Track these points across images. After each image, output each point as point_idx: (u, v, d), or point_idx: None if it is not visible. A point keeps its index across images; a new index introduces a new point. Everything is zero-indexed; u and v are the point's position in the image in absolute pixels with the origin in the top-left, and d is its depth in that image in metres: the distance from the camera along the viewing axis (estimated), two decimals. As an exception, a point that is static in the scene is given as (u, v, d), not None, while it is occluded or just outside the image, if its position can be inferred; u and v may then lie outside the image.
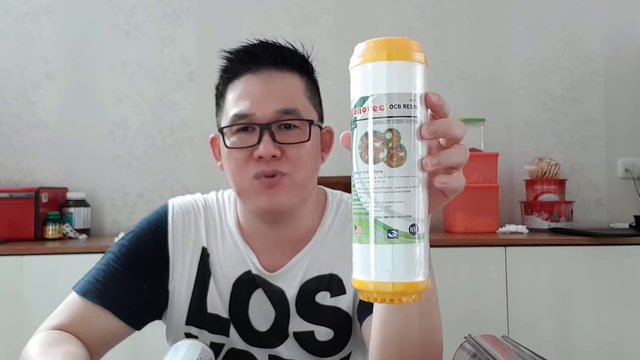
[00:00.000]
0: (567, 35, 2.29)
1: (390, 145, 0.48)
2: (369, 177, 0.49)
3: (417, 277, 0.49)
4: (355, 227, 0.50)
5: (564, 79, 2.29)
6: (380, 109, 0.48)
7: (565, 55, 2.29)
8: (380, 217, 0.48)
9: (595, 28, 2.29)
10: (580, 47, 2.29)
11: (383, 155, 0.48)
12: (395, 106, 0.48)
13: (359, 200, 0.50)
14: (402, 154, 0.48)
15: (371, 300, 0.50)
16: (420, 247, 0.49)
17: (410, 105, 0.49)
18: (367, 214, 0.49)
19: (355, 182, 0.50)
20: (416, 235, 0.49)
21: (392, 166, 0.48)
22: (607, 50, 2.29)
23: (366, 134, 0.49)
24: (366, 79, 0.50)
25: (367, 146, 0.49)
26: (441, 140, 0.53)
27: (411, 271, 0.49)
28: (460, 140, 0.53)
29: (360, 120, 0.49)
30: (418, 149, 0.49)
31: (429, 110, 0.51)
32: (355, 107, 0.50)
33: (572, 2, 2.30)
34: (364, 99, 0.49)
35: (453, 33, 2.30)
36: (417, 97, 0.49)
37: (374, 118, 0.49)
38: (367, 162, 0.49)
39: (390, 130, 0.48)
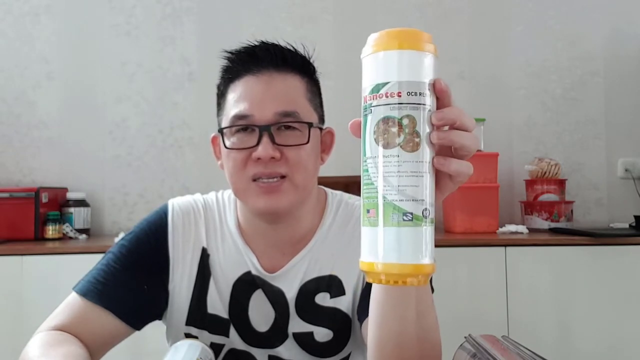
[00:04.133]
0: (567, 35, 2.29)
1: (407, 130, 0.50)
2: (384, 161, 0.50)
3: (424, 260, 0.50)
4: (368, 211, 0.51)
5: (564, 79, 2.29)
6: (398, 96, 0.50)
7: (565, 55, 2.29)
8: (395, 200, 0.49)
9: (595, 28, 2.29)
10: (580, 47, 2.29)
11: (400, 140, 0.50)
12: (412, 93, 0.50)
13: (372, 184, 0.50)
14: (417, 139, 0.50)
15: (377, 282, 0.51)
16: (429, 231, 0.51)
17: (423, 93, 0.51)
18: (380, 197, 0.50)
19: (369, 167, 0.51)
20: (427, 219, 0.50)
21: (407, 151, 0.50)
22: (607, 50, 2.29)
23: (383, 120, 0.50)
24: (381, 67, 0.51)
25: (384, 131, 0.50)
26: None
27: (419, 253, 0.50)
28: (470, 131, 0.54)
29: (376, 106, 0.51)
30: (428, 136, 0.51)
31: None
32: (370, 93, 0.51)
33: (572, 2, 2.30)
34: (379, 86, 0.51)
35: (453, 33, 2.30)
36: (429, 85, 0.51)
37: (391, 104, 0.50)
38: (383, 146, 0.50)
39: (408, 116, 0.50)
